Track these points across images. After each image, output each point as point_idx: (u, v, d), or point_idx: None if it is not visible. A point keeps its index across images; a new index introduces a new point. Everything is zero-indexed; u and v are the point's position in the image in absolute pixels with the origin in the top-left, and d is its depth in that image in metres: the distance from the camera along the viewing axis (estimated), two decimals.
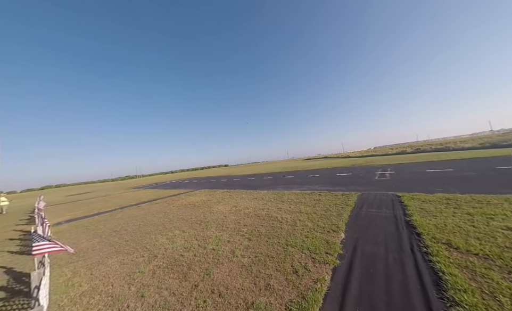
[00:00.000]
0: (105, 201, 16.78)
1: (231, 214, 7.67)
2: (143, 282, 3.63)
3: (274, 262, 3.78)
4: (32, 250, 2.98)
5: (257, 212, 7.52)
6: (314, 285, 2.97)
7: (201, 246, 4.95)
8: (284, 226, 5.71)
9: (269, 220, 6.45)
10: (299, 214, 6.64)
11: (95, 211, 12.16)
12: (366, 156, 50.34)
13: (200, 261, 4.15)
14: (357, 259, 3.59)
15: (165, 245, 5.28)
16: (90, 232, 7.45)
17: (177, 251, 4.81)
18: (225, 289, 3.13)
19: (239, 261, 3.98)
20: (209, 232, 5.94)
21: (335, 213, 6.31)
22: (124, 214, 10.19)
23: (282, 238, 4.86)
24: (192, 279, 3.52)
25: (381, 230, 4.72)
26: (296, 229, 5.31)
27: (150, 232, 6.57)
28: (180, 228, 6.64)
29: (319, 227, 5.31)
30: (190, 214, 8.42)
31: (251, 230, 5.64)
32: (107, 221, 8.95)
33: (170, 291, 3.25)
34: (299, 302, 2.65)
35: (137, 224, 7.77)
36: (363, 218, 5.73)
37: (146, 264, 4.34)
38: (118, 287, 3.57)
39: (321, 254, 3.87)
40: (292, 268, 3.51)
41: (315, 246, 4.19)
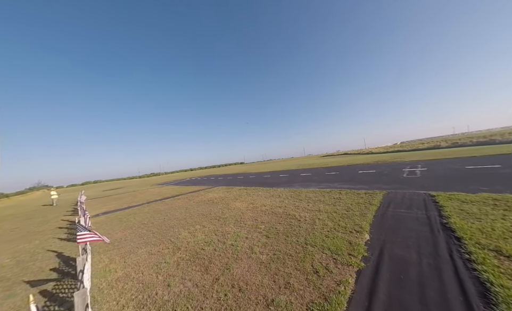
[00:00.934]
0: (133, 196, 18.36)
1: (248, 211, 7.76)
2: (169, 272, 3.88)
3: (293, 260, 3.72)
4: (77, 238, 3.39)
5: (274, 210, 7.48)
6: (337, 287, 2.84)
7: (221, 241, 5.11)
8: (302, 224, 5.58)
9: (287, 218, 6.36)
10: (318, 213, 6.43)
11: (125, 205, 13.38)
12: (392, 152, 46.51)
13: (220, 256, 4.28)
14: (385, 262, 3.34)
15: (187, 239, 5.57)
16: (122, 224, 8.22)
17: (198, 245, 5.04)
18: (245, 284, 3.18)
19: (257, 257, 4.01)
20: (227, 228, 6.10)
21: (357, 213, 5.95)
22: (150, 208, 11.02)
23: (301, 236, 4.75)
24: (213, 273, 3.65)
25: (412, 233, 4.31)
26: (315, 228, 5.15)
27: (173, 226, 6.99)
28: (200, 223, 6.94)
29: (340, 226, 5.07)
30: (209, 210, 8.74)
31: (268, 228, 5.63)
32: (136, 215, 9.77)
33: (193, 282, 3.42)
34: (321, 304, 2.56)
35: (161, 218, 8.34)
36: (390, 218, 5.30)
37: (170, 255, 4.64)
38: (147, 275, 3.88)
39: (344, 255, 3.69)
40: (313, 267, 3.41)
41: (336, 247, 4.01)
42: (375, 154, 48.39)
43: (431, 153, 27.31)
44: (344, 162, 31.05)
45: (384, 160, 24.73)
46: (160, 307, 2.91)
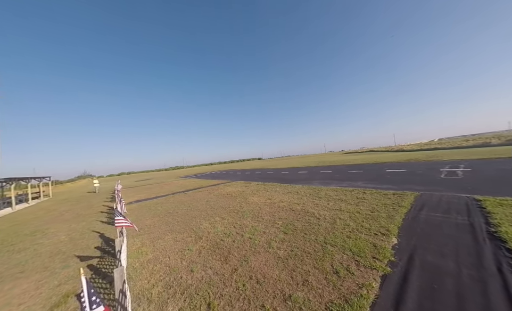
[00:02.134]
0: (160, 187, 19.99)
1: (266, 207, 7.81)
2: (192, 259, 4.17)
3: (311, 258, 3.66)
4: (115, 222, 3.86)
5: (292, 207, 7.39)
6: (359, 290, 2.71)
7: (239, 234, 5.27)
8: (322, 223, 5.41)
9: (305, 215, 6.24)
10: (339, 212, 6.15)
11: (153, 195, 14.67)
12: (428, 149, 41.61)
13: (238, 248, 4.43)
14: (415, 269, 3.06)
15: (208, 229, 5.88)
16: (151, 212, 9.05)
17: (218, 236, 5.28)
18: (263, 277, 3.25)
19: (275, 252, 4.04)
20: (245, 221, 6.25)
21: (383, 215, 5.53)
22: (175, 199, 11.89)
23: (320, 235, 4.63)
24: (232, 263, 3.80)
25: (450, 240, 3.85)
26: (335, 228, 4.95)
27: (195, 217, 7.44)
28: (220, 215, 7.25)
29: (364, 228, 4.78)
30: (228, 204, 9.05)
31: (286, 224, 5.61)
32: (163, 204, 10.65)
33: (214, 270, 3.62)
34: (341, 305, 2.48)
35: (185, 209, 8.94)
36: (423, 223, 4.80)
37: (193, 243, 4.97)
38: (173, 259, 4.23)
39: (367, 258, 3.49)
40: (333, 267, 3.30)
41: (359, 249, 3.81)
42: (407, 151, 43.89)
43: (478, 151, 23.64)
44: (369, 159, 28.89)
45: (417, 158, 22.27)
46: (184, 289, 3.16)
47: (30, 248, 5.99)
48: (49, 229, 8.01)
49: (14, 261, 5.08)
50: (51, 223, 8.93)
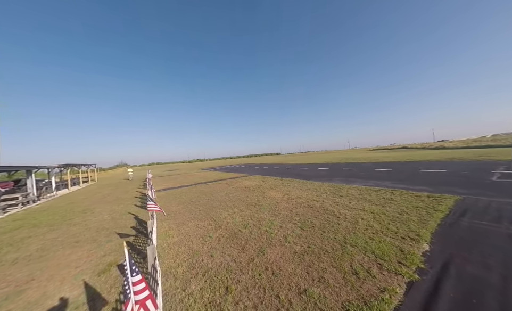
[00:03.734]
0: (184, 178, 21.48)
1: (283, 202, 7.80)
2: (212, 245, 4.46)
3: (329, 257, 3.58)
4: (147, 206, 4.34)
5: (311, 203, 7.23)
6: (380, 293, 2.58)
7: (256, 226, 5.41)
8: (342, 222, 5.20)
9: (324, 213, 6.05)
10: (361, 212, 5.81)
11: (178, 185, 15.87)
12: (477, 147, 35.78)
13: (255, 239, 4.57)
14: (450, 280, 2.75)
15: (227, 219, 6.17)
16: (176, 200, 9.85)
17: (236, 226, 5.51)
18: (278, 269, 3.31)
19: (291, 247, 4.06)
20: (262, 215, 6.36)
21: (414, 218, 5.04)
22: (197, 189, 12.68)
23: (339, 234, 4.47)
24: (249, 253, 3.96)
25: (498, 251, 3.33)
26: (357, 228, 4.71)
27: (215, 207, 7.86)
28: (238, 207, 7.52)
29: (390, 231, 4.44)
30: (246, 196, 9.30)
31: (304, 220, 5.54)
32: (186, 193, 11.47)
33: (232, 258, 3.83)
34: (360, 306, 2.40)
35: (206, 199, 9.49)
36: (464, 230, 4.24)
37: (213, 231, 5.29)
38: (195, 244, 4.59)
39: (391, 262, 3.26)
40: (352, 268, 3.19)
41: (382, 252, 3.58)
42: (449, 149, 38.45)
43: None
44: (401, 157, 26.16)
45: (462, 157, 19.35)
46: (205, 272, 3.43)
47: (82, 223, 7.14)
48: (95, 208, 9.39)
49: (71, 233, 6.14)
50: (97, 204, 10.45)
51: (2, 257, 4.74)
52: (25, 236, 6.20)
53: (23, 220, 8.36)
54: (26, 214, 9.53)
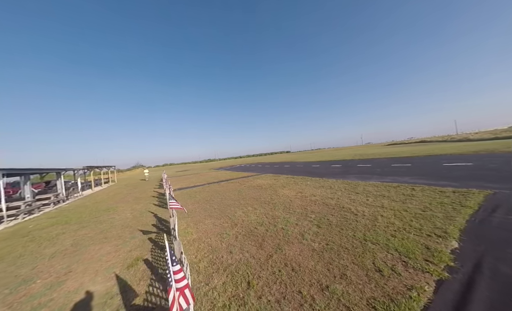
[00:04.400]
0: (197, 177, 22.08)
1: (297, 200, 7.75)
2: (230, 242, 4.58)
3: (349, 254, 3.52)
4: (169, 204, 4.55)
5: (326, 201, 7.11)
6: (407, 291, 2.50)
7: (271, 224, 5.45)
8: (360, 219, 5.07)
9: (340, 210, 5.94)
10: (380, 209, 5.61)
11: (192, 184, 16.36)
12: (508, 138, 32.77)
13: (272, 237, 4.61)
14: (483, 279, 2.60)
15: (242, 217, 6.28)
16: (192, 199, 10.18)
17: (252, 224, 5.59)
18: (298, 266, 3.33)
19: (309, 244, 4.04)
20: (277, 212, 6.38)
21: (439, 215, 4.77)
22: (210, 189, 12.99)
23: (358, 231, 4.37)
24: (267, 250, 4.01)
25: None
26: (377, 225, 4.57)
27: (229, 205, 8.01)
28: (252, 205, 7.60)
29: (413, 227, 4.26)
30: (259, 195, 9.36)
31: (319, 218, 5.48)
32: (200, 193, 11.80)
33: (250, 254, 3.90)
34: (386, 304, 2.35)
35: (220, 198, 9.70)
36: (496, 227, 3.95)
37: (230, 229, 5.42)
38: (214, 241, 4.74)
39: (417, 260, 3.14)
40: (374, 265, 3.11)
41: (406, 249, 3.45)
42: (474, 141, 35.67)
43: None
44: (420, 151, 24.74)
45: (490, 149, 17.84)
46: (226, 267, 3.54)
47: (107, 221, 7.66)
48: (118, 207, 10.00)
49: (99, 229, 6.62)
50: (119, 203, 11.12)
51: (42, 251, 5.24)
52: (59, 232, 6.79)
53: (56, 218, 9.15)
54: (58, 212, 10.40)
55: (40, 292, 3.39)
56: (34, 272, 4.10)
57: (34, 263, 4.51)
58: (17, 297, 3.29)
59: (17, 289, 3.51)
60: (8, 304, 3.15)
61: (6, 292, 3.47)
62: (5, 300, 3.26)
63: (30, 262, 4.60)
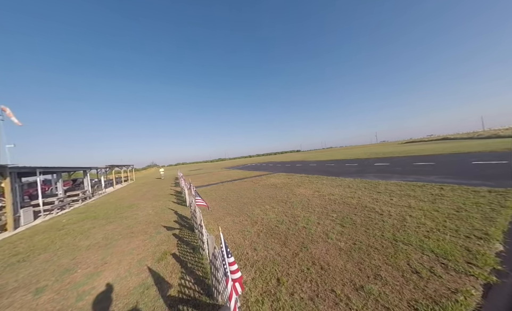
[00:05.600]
0: (210, 176, 22.53)
1: (315, 198, 7.62)
2: (252, 239, 4.62)
3: (380, 254, 3.40)
4: (195, 201, 4.70)
5: (346, 200, 6.92)
6: (452, 295, 2.37)
7: (292, 222, 5.41)
8: (387, 219, 4.87)
9: (363, 210, 5.74)
10: (408, 209, 5.35)
11: (206, 183, 16.73)
12: None
13: (294, 235, 4.59)
14: None
15: (261, 216, 6.30)
16: (208, 197, 10.41)
17: (272, 222, 5.60)
18: (327, 265, 3.28)
19: (335, 243, 3.97)
20: (296, 211, 6.33)
21: (477, 215, 4.44)
22: (224, 187, 13.20)
23: (386, 231, 4.20)
24: (292, 248, 3.99)
25: None
26: (406, 226, 4.36)
27: (246, 203, 8.08)
28: (269, 204, 7.61)
29: (448, 228, 4.01)
30: (274, 194, 9.34)
31: (342, 217, 5.34)
32: (215, 191, 12.03)
33: (275, 252, 3.91)
34: (431, 307, 2.24)
35: (235, 196, 9.82)
36: None
37: (250, 226, 5.47)
38: (237, 238, 4.82)
39: (458, 262, 2.95)
40: (410, 266, 2.98)
41: (444, 251, 3.25)
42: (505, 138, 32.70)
43: None
44: (443, 149, 23.20)
45: None
46: (253, 263, 3.58)
47: (131, 216, 8.08)
48: (140, 204, 10.51)
49: (125, 225, 7.00)
50: (140, 200, 11.68)
51: (78, 243, 5.66)
52: (90, 226, 7.29)
53: (84, 213, 9.83)
54: (86, 208, 11.17)
55: (82, 281, 3.67)
56: (74, 263, 4.45)
57: (73, 255, 4.89)
58: (63, 285, 3.58)
59: (62, 278, 3.83)
60: (56, 290, 3.45)
61: (53, 279, 3.80)
62: (53, 286, 3.58)
63: (69, 253, 4.99)
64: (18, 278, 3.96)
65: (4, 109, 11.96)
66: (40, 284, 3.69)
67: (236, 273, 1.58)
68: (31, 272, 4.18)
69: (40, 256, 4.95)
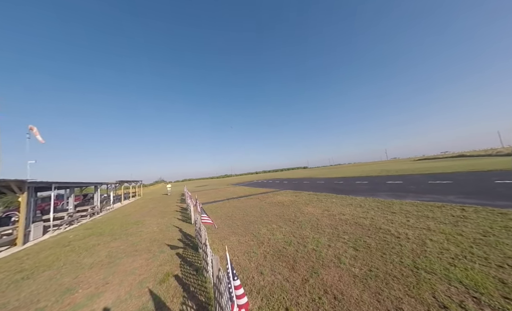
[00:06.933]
0: (216, 193, 22.38)
1: (324, 218, 7.27)
2: (259, 262, 4.37)
3: (400, 284, 3.07)
4: (201, 218, 4.62)
5: (358, 220, 6.54)
6: None
7: (301, 244, 5.11)
8: (404, 243, 4.49)
9: (377, 232, 5.37)
10: (427, 232, 4.94)
11: (212, 199, 16.57)
12: None
13: (304, 258, 4.30)
14: None
15: (268, 235, 6.03)
16: (213, 214, 10.22)
17: (279, 243, 5.32)
18: (341, 294, 2.99)
19: (348, 269, 3.66)
20: (304, 232, 6.02)
21: (507, 241, 4.01)
22: (230, 204, 12.98)
23: (405, 257, 3.85)
24: (301, 273, 3.71)
25: None
26: (427, 251, 3.99)
27: (252, 222, 7.82)
28: (276, 223, 7.32)
29: (476, 256, 3.61)
30: (281, 212, 9.03)
31: (355, 239, 5.00)
32: (221, 208, 11.83)
33: (283, 277, 3.65)
34: None
35: (241, 214, 9.58)
36: None
37: (257, 247, 5.21)
38: (242, 259, 4.57)
39: (492, 296, 2.59)
40: (436, 299, 2.64)
41: (475, 282, 2.89)
42: None
43: None
44: (459, 167, 22.04)
45: None
46: (259, 289, 3.33)
47: (136, 233, 7.99)
48: (145, 220, 10.46)
49: (130, 242, 6.90)
50: (146, 217, 11.65)
51: (82, 261, 5.59)
52: (95, 243, 7.25)
53: (91, 229, 9.87)
54: (93, 224, 11.24)
55: (82, 302, 3.54)
56: (76, 282, 4.34)
57: (76, 273, 4.80)
58: (63, 306, 3.47)
59: (63, 298, 3.71)
60: None
61: (53, 300, 3.70)
62: (53, 307, 3.47)
63: (72, 271, 4.91)
64: (20, 297, 3.90)
65: (32, 129, 12.99)
66: (40, 304, 3.59)
67: (242, 298, 1.46)
68: (34, 290, 4.11)
69: (44, 274, 4.90)
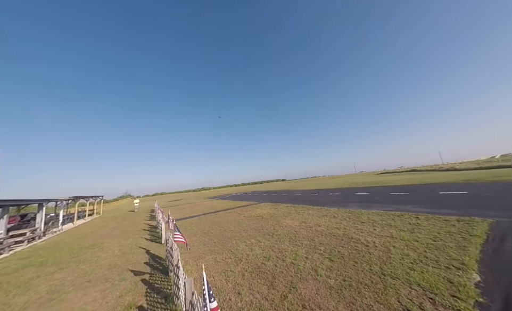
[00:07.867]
0: (191, 207, 20.97)
1: (302, 230, 7.42)
2: (236, 281, 4.13)
3: (370, 291, 3.24)
4: (174, 236, 4.21)
5: (332, 231, 6.85)
6: None
7: (280, 258, 5.06)
8: (372, 251, 4.85)
9: (349, 241, 5.69)
10: (391, 240, 5.44)
11: (186, 215, 15.42)
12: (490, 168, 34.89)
13: (282, 273, 4.23)
14: None
15: (246, 251, 5.81)
16: (187, 232, 9.46)
17: (258, 259, 5.16)
18: (318, 308, 2.99)
19: (325, 281, 3.73)
20: (283, 245, 6.00)
21: (451, 244, 4.68)
22: (207, 219, 12.26)
23: (374, 265, 4.13)
24: (280, 289, 3.63)
25: None
26: (391, 257, 4.37)
27: (230, 238, 7.48)
28: (255, 238, 7.14)
29: (429, 259, 4.10)
30: (260, 226, 8.90)
31: (330, 250, 5.19)
32: (197, 224, 11.06)
33: (262, 295, 3.50)
34: None
35: (218, 229, 9.10)
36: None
37: (234, 265, 4.94)
38: (218, 280, 4.26)
39: (444, 296, 2.93)
40: (401, 304, 2.86)
41: (429, 284, 3.24)
42: (460, 170, 37.58)
43: None
44: (413, 180, 25.50)
45: (478, 179, 18.73)
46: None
47: (91, 260, 6.80)
48: (104, 243, 9.02)
49: (81, 271, 5.80)
50: (104, 238, 10.07)
51: (11, 301, 4.43)
52: (33, 276, 5.87)
53: (28, 258, 8.02)
54: (32, 251, 9.18)
55: None
56: None
57: None
58: None
59: None
60: None
61: None
62: None
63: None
64: None
65: None
66: None
67: None
68: None
69: None
